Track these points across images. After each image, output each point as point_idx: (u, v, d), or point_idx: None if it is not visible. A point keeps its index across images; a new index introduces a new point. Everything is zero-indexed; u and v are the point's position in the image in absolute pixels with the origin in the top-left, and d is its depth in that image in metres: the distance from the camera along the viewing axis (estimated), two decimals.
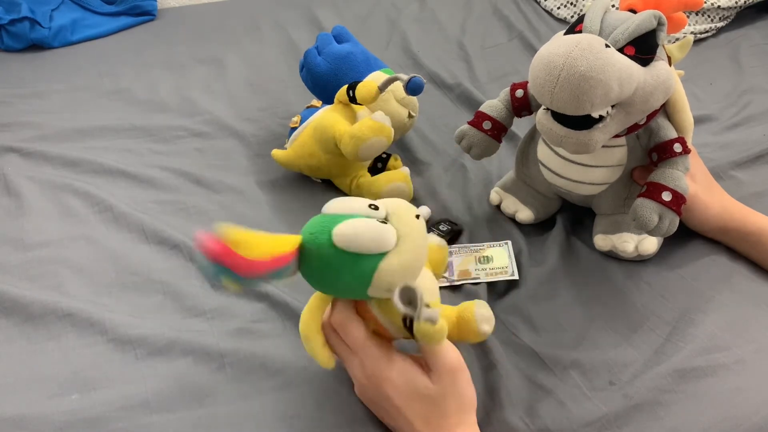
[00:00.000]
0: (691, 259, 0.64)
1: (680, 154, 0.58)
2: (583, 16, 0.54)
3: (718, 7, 1.08)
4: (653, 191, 0.57)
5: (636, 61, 0.52)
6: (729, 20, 1.10)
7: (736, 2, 1.08)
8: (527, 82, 0.67)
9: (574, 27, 0.55)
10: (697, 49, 1.06)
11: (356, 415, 0.52)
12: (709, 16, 1.09)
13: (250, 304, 0.61)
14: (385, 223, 0.44)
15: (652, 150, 0.60)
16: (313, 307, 0.49)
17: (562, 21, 1.16)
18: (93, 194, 0.74)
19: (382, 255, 0.43)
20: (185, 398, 0.53)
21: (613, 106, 0.53)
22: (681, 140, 0.59)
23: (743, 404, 0.51)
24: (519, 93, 0.66)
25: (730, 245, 0.65)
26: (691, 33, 1.07)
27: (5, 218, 0.71)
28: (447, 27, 1.15)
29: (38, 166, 0.79)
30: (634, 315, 0.59)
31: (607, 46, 0.50)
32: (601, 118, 0.52)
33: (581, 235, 0.69)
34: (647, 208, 0.56)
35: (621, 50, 0.52)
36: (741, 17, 1.11)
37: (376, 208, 0.45)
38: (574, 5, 1.16)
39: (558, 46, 0.51)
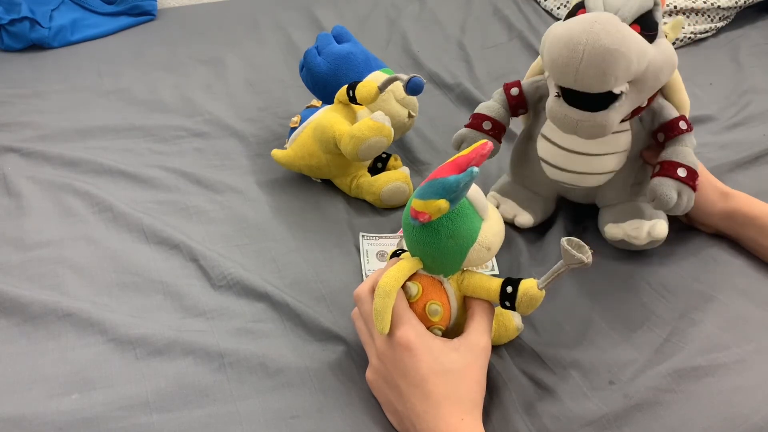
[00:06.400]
0: (692, 258, 0.64)
1: (686, 131, 0.59)
2: (582, 2, 0.55)
3: (718, 7, 1.08)
4: (668, 168, 0.57)
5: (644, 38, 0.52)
6: (729, 20, 1.10)
7: (736, 2, 1.08)
8: (520, 81, 0.67)
9: (576, 12, 0.55)
10: (697, 49, 1.06)
11: (357, 415, 0.52)
12: (709, 16, 1.09)
13: (250, 304, 0.61)
14: None
15: (657, 130, 0.61)
16: (402, 267, 0.50)
17: None
18: (93, 194, 0.74)
19: (482, 219, 0.50)
20: (185, 398, 0.53)
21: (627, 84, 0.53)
22: (684, 118, 0.60)
23: (743, 404, 0.51)
24: (514, 91, 0.66)
25: (735, 234, 0.64)
26: (691, 33, 1.07)
27: (5, 218, 0.71)
28: (447, 27, 1.15)
29: (38, 166, 0.79)
30: (634, 315, 0.59)
31: None
32: (617, 96, 0.52)
33: (581, 235, 0.69)
34: (666, 186, 0.56)
35: None
36: (741, 17, 1.11)
37: None
38: None
39: (575, 24, 0.50)
